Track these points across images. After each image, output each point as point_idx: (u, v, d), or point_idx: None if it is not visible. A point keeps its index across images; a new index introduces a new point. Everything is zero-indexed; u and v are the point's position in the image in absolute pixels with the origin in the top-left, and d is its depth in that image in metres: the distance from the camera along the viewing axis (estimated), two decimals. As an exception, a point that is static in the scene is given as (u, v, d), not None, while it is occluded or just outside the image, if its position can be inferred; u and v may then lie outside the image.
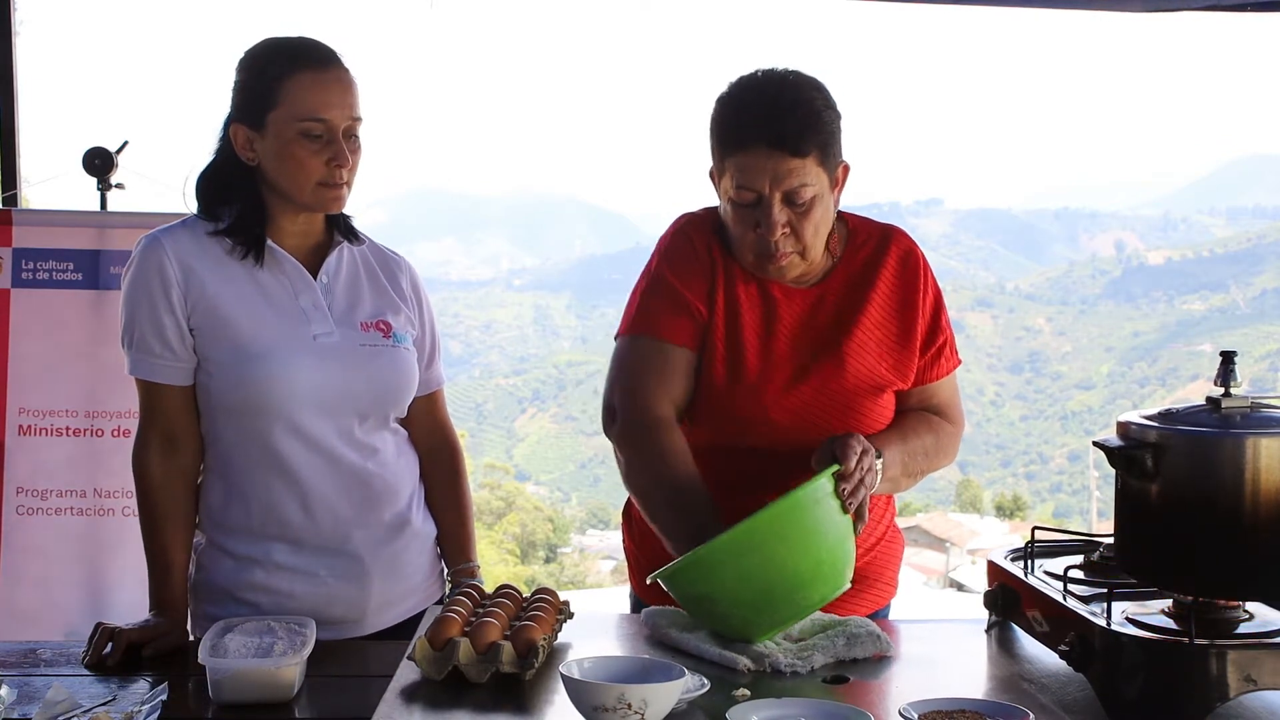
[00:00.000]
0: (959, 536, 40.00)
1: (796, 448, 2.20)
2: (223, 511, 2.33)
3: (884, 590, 2.45)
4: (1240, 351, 1.88)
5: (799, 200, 2.19)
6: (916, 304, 2.36)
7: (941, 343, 2.39)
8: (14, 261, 3.66)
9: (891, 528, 2.48)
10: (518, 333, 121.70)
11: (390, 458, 2.39)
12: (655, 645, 2.08)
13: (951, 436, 2.41)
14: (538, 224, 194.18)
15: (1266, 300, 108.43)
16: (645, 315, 2.33)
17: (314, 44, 2.33)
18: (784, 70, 2.25)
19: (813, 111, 2.19)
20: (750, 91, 2.22)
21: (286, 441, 2.28)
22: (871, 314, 2.34)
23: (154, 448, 2.30)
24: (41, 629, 3.55)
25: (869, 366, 2.32)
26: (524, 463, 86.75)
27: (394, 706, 1.80)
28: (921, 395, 2.40)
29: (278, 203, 2.33)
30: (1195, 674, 1.70)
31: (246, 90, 2.30)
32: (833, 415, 2.30)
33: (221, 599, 2.32)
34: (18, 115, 3.87)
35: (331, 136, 2.27)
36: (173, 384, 2.29)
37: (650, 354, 2.31)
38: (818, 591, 2.02)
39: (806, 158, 2.17)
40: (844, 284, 2.35)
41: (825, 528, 2.02)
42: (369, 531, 2.35)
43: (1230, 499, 1.75)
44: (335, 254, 2.39)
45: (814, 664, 1.97)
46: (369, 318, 2.38)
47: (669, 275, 2.33)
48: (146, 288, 2.27)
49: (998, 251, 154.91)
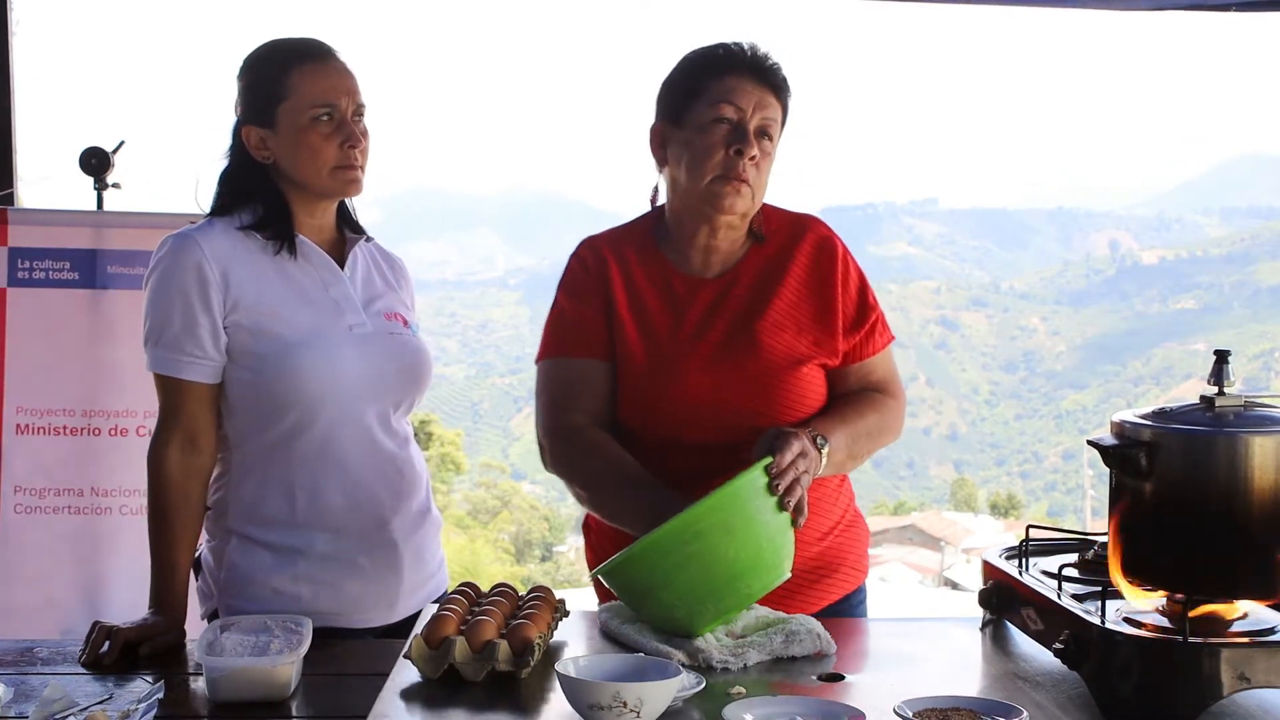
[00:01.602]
0: (954, 535, 40.06)
1: (716, 430, 2.26)
2: (258, 507, 2.34)
3: (850, 575, 2.47)
4: (1234, 350, 1.89)
5: (766, 136, 2.32)
6: (835, 284, 2.40)
7: (873, 321, 2.43)
8: (10, 261, 3.66)
9: (850, 512, 2.50)
10: (513, 332, 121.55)
11: (413, 448, 2.46)
12: (606, 640, 2.10)
13: (894, 411, 2.45)
14: (533, 223, 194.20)
15: (1260, 299, 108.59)
16: (549, 340, 2.44)
17: (312, 40, 2.40)
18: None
19: (780, 68, 2.35)
20: (723, 44, 2.36)
21: (334, 430, 2.32)
22: (786, 296, 2.38)
23: (174, 445, 2.30)
24: (38, 627, 3.55)
25: (786, 343, 2.36)
26: (520, 462, 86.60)
27: (390, 705, 1.81)
28: (860, 373, 2.43)
29: (296, 196, 2.37)
30: (1189, 672, 1.71)
31: (253, 91, 2.35)
32: (752, 393, 2.32)
33: (259, 593, 2.33)
34: (14, 114, 3.87)
35: (342, 120, 2.33)
36: (200, 381, 2.30)
37: (559, 373, 2.41)
38: (759, 580, 2.04)
39: (778, 99, 2.34)
40: (756, 270, 2.40)
41: (764, 518, 2.03)
42: (402, 519, 2.40)
43: (1224, 498, 1.76)
44: (355, 248, 2.45)
45: (748, 661, 1.97)
46: (388, 309, 2.44)
47: (562, 298, 2.45)
48: (182, 286, 2.28)
49: (992, 251, 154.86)
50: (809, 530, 2.36)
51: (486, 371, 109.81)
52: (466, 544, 32.33)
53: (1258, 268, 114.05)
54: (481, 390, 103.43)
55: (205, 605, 2.41)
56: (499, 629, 1.96)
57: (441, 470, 35.23)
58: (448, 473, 36.26)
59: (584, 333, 2.39)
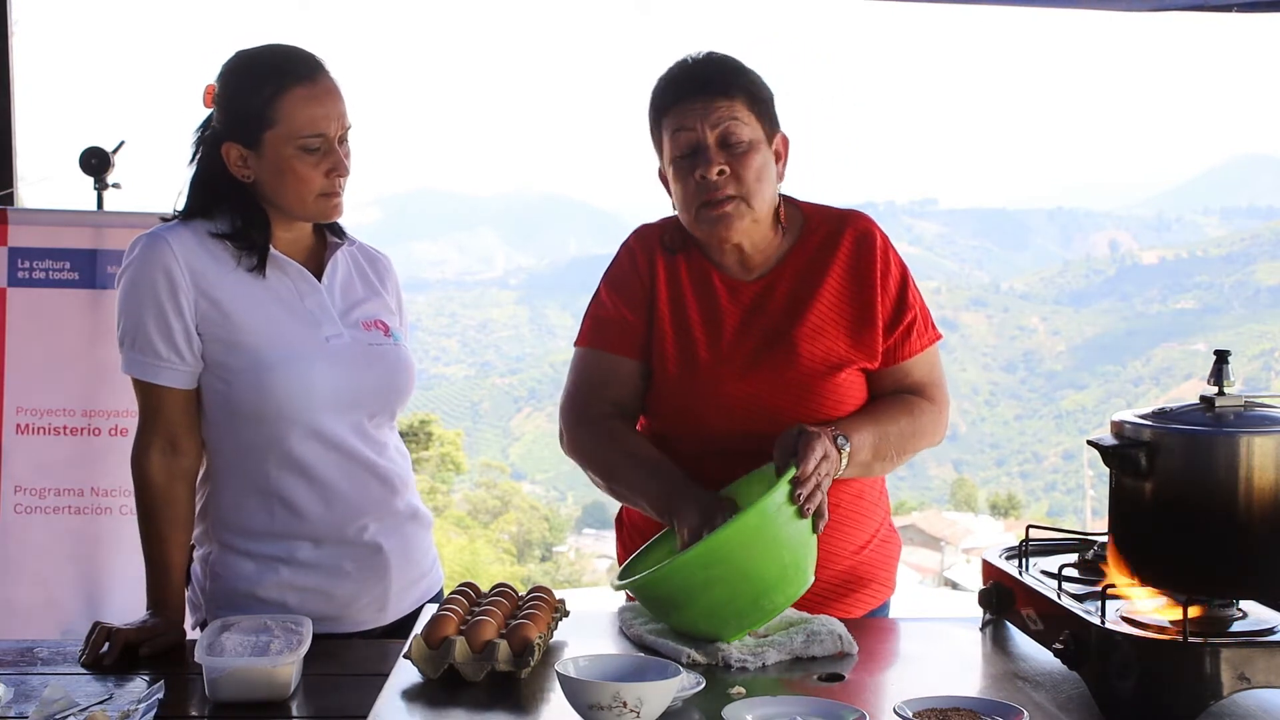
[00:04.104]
0: (954, 535, 40.03)
1: (753, 439, 2.23)
2: (238, 515, 2.34)
3: (878, 591, 2.45)
4: (1234, 350, 1.89)
5: (734, 140, 2.26)
6: (874, 283, 2.36)
7: (911, 319, 2.38)
8: (10, 261, 3.65)
9: (885, 527, 2.47)
10: (513, 332, 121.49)
11: (394, 452, 2.43)
12: (626, 640, 2.10)
13: (931, 416, 2.39)
14: (533, 223, 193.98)
15: (1260, 299, 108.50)
16: (586, 329, 2.45)
17: (298, 54, 2.32)
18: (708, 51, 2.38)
19: (736, 66, 2.31)
20: (676, 64, 2.35)
21: (306, 443, 2.30)
22: (826, 297, 2.35)
23: (156, 450, 2.30)
24: (38, 628, 3.55)
25: (825, 348, 2.33)
26: (520, 462, 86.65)
27: (390, 705, 1.81)
28: (897, 375, 2.39)
29: (273, 212, 2.34)
30: (1189, 672, 1.71)
31: (236, 110, 2.28)
32: (787, 401, 2.30)
33: (244, 602, 2.32)
34: (14, 114, 3.86)
35: (329, 148, 2.29)
36: (176, 387, 2.29)
37: (591, 363, 2.42)
38: (783, 594, 2.03)
39: (734, 99, 2.27)
40: (796, 271, 2.37)
41: (788, 532, 2.02)
42: (385, 523, 2.38)
43: (1224, 497, 1.76)
44: (334, 256, 2.41)
45: (766, 660, 1.97)
46: (368, 318, 2.40)
47: (605, 291, 2.44)
48: (152, 289, 2.26)
49: (992, 251, 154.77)
50: (844, 542, 2.36)
51: (486, 371, 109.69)
52: (466, 544, 32.27)
53: (1257, 268, 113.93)
54: (481, 390, 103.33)
55: (194, 615, 2.40)
56: (499, 629, 1.96)
57: (441, 470, 35.18)
58: (448, 473, 36.21)
59: (621, 332, 2.39)
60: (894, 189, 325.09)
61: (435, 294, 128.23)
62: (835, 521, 2.31)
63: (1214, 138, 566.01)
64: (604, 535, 45.77)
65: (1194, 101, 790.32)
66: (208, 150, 2.33)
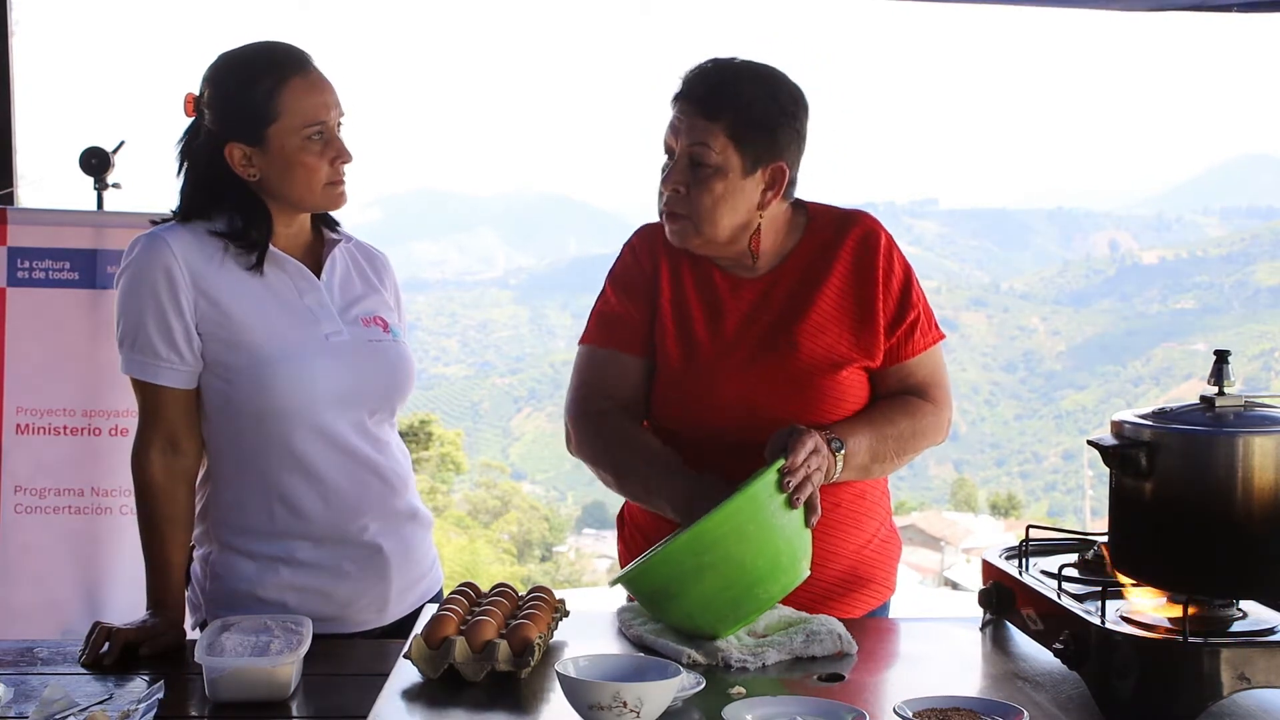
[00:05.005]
0: (954, 535, 40.02)
1: (754, 433, 2.22)
2: (238, 515, 2.34)
3: (878, 591, 2.45)
4: (1234, 350, 1.89)
5: (700, 163, 2.26)
6: (877, 282, 2.36)
7: (913, 319, 2.38)
8: (10, 261, 3.65)
9: (886, 527, 2.48)
10: (513, 332, 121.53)
11: (395, 450, 2.43)
12: (625, 640, 2.10)
13: (932, 417, 2.39)
14: (533, 223, 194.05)
15: (1260, 299, 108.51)
16: (591, 327, 2.46)
17: (287, 48, 2.34)
18: (743, 59, 2.33)
19: (735, 90, 2.27)
20: (699, 64, 2.33)
21: (308, 441, 2.30)
22: (828, 295, 2.35)
23: (156, 449, 2.30)
24: (38, 627, 3.55)
25: (826, 345, 2.33)
26: (520, 462, 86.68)
27: (390, 705, 1.81)
28: (900, 374, 2.39)
29: (274, 207, 2.34)
30: (1189, 672, 1.71)
31: (235, 109, 2.29)
32: (788, 396, 2.31)
33: (244, 602, 2.32)
34: (14, 114, 3.86)
35: (331, 136, 2.31)
36: (176, 387, 2.29)
37: (596, 360, 2.43)
38: (777, 584, 2.04)
39: (714, 123, 2.25)
40: (799, 269, 2.37)
41: (779, 521, 2.03)
42: (385, 523, 2.38)
43: (1224, 497, 1.76)
44: (332, 253, 2.42)
45: (766, 660, 1.98)
46: (367, 314, 2.41)
47: (609, 290, 2.45)
48: (152, 289, 2.26)
49: (992, 251, 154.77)
50: (845, 542, 2.36)
51: (486, 371, 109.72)
52: (466, 544, 32.28)
53: (1257, 268, 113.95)
54: (481, 390, 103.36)
55: (194, 616, 2.40)
56: (499, 629, 1.96)
57: (441, 470, 35.18)
58: (448, 473, 36.21)
59: (625, 329, 2.40)
60: (894, 189, 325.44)
61: (435, 294, 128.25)
62: (836, 521, 2.32)
63: (1214, 138, 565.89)
64: (604, 535, 45.82)
65: (1194, 101, 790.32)
66: (202, 156, 2.33)
